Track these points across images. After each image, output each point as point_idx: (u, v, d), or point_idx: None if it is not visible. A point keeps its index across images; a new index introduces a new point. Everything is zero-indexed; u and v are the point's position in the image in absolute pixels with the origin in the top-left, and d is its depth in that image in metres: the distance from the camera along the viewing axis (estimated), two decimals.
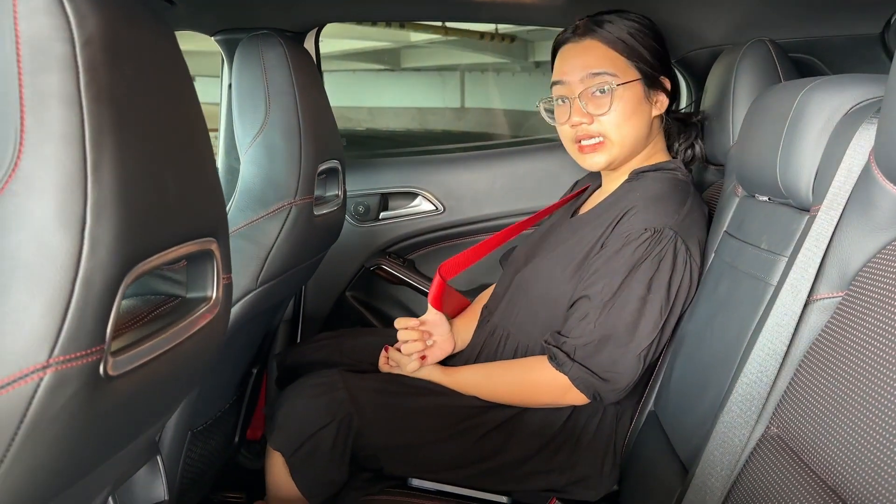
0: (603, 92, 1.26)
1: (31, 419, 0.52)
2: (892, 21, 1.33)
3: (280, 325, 1.78)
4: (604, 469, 1.26)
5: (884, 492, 0.63)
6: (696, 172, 1.56)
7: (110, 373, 0.57)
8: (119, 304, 0.57)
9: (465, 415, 1.26)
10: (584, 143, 1.30)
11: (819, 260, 0.83)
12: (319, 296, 1.90)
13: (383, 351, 1.45)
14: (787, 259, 0.92)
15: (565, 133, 1.33)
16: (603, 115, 1.27)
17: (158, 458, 1.04)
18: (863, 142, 0.82)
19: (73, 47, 0.53)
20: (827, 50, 1.47)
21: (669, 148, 1.40)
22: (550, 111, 1.36)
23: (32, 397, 0.51)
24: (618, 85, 1.26)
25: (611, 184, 1.37)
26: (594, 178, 1.47)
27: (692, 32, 1.58)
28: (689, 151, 1.38)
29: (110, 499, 0.88)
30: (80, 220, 0.53)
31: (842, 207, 0.82)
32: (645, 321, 1.16)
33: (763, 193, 1.06)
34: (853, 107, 0.88)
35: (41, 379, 0.52)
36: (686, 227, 1.20)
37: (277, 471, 1.25)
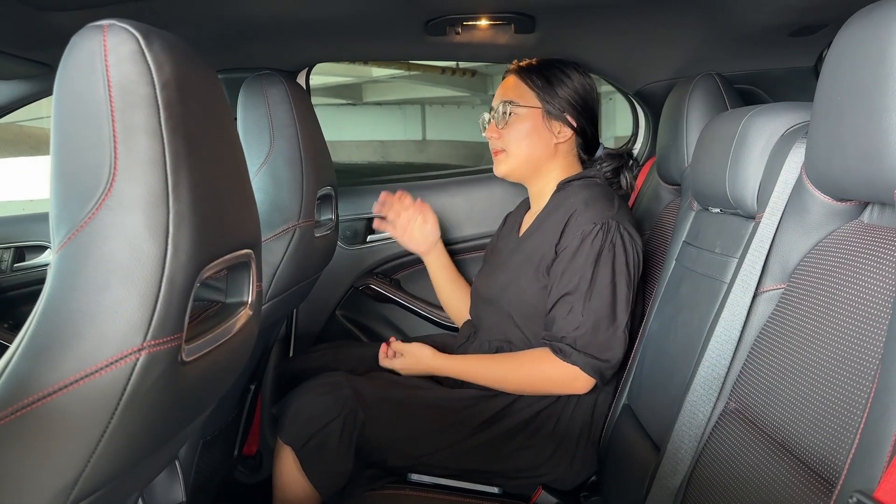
0: (507, 114, 1.52)
1: (130, 392, 0.63)
2: (824, 55, 1.52)
3: (274, 343, 1.88)
4: (586, 457, 1.40)
5: (822, 437, 0.77)
6: (653, 191, 1.71)
7: (184, 359, 0.69)
8: (192, 298, 0.68)
9: (459, 407, 1.40)
10: (495, 151, 1.58)
11: (764, 258, 0.98)
12: (311, 315, 2.00)
13: (384, 345, 1.56)
14: (737, 260, 1.07)
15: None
16: (505, 131, 1.53)
17: (177, 462, 1.14)
18: (796, 158, 0.98)
19: (154, 89, 0.66)
20: (768, 81, 1.66)
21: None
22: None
23: (131, 374, 0.63)
24: (516, 107, 1.52)
25: (539, 200, 1.57)
26: (525, 205, 1.69)
27: (648, 68, 1.75)
28: (617, 182, 1.59)
29: (140, 500, 0.99)
30: (165, 229, 0.65)
31: (780, 213, 0.97)
32: (619, 300, 1.35)
33: (715, 206, 1.22)
34: (788, 129, 1.04)
35: (137, 360, 0.63)
36: (622, 217, 1.41)
37: (287, 469, 1.35)
